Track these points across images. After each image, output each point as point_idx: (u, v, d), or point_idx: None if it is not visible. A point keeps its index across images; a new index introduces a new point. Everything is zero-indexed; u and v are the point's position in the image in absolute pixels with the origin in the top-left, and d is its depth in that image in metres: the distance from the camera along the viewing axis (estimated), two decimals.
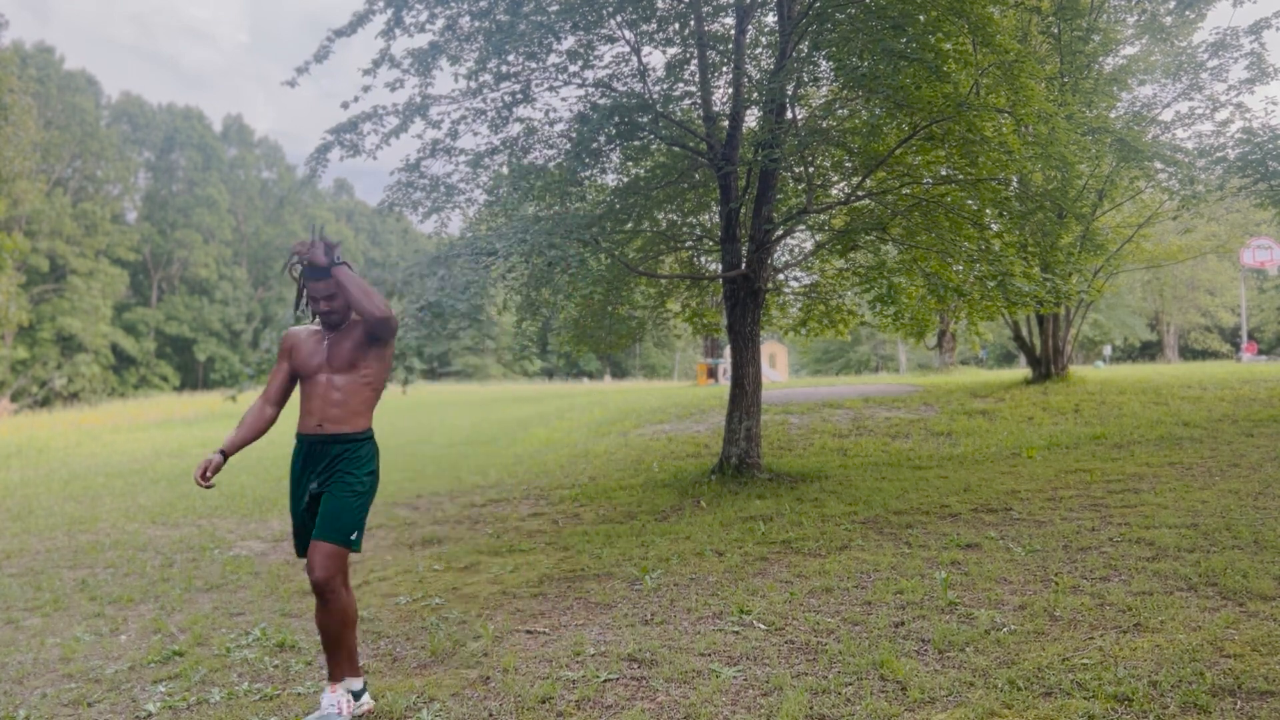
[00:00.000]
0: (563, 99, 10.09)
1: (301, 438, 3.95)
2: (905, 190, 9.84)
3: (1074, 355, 20.87)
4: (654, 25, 9.55)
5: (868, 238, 10.56)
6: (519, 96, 9.30)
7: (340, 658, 3.89)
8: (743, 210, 10.04)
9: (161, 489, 12.62)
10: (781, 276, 12.29)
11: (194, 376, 68.10)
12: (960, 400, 15.45)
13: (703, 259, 13.14)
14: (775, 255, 11.34)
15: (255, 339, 68.51)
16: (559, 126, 9.75)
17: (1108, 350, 38.90)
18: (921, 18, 8.21)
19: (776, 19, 9.84)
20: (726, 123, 9.79)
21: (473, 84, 9.18)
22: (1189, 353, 47.43)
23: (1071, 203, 10.65)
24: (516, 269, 7.79)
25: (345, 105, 9.20)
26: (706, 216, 12.20)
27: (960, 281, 10.00)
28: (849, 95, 9.44)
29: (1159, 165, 13.17)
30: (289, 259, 3.90)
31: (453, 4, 8.95)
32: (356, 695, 3.92)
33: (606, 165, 10.86)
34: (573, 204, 10.50)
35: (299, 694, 4.29)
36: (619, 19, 9.29)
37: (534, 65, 9.20)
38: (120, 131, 68.35)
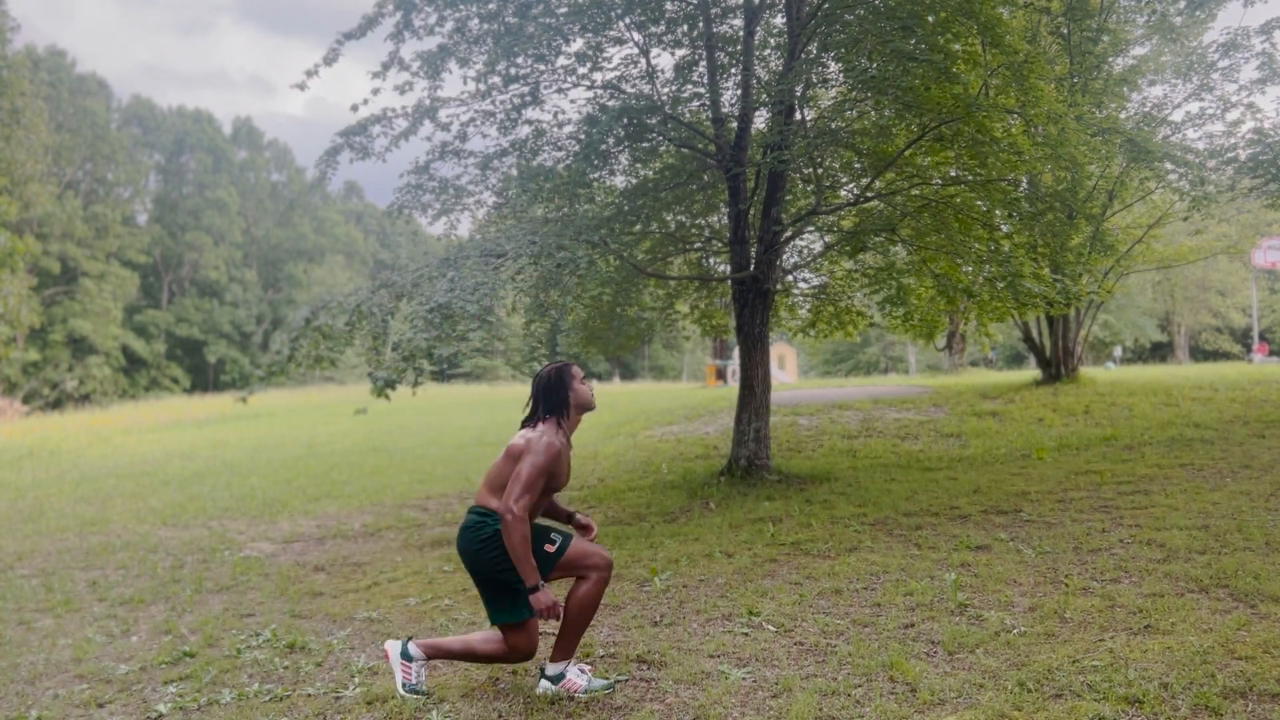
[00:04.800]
0: (571, 101, 10.12)
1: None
2: (914, 191, 9.81)
3: (1084, 356, 20.79)
4: (662, 27, 9.55)
5: (877, 239, 10.54)
6: (528, 99, 9.31)
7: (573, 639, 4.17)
8: (752, 211, 10.03)
9: (172, 490, 12.67)
10: (790, 278, 12.27)
11: (204, 378, 68.35)
12: (970, 401, 15.41)
13: (711, 260, 13.13)
14: (784, 256, 11.33)
15: (265, 341, 68.73)
16: (568, 128, 9.76)
17: (1118, 351, 38.74)
18: (930, 19, 8.19)
19: (785, 20, 9.82)
20: (735, 124, 9.78)
21: (481, 86, 9.20)
22: (1200, 354, 47.21)
23: (1081, 203, 10.61)
24: (525, 271, 7.79)
25: (355, 108, 9.25)
26: (715, 218, 12.18)
27: (970, 282, 9.97)
28: (858, 96, 9.43)
29: (1169, 166, 13.09)
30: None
31: (461, 7, 8.97)
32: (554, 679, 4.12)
33: (615, 167, 10.86)
34: (581, 206, 10.50)
35: (309, 695, 4.30)
36: (627, 21, 9.29)
37: (543, 67, 9.21)
38: (130, 134, 68.66)
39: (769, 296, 10.14)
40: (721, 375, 30.83)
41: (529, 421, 4.11)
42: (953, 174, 9.83)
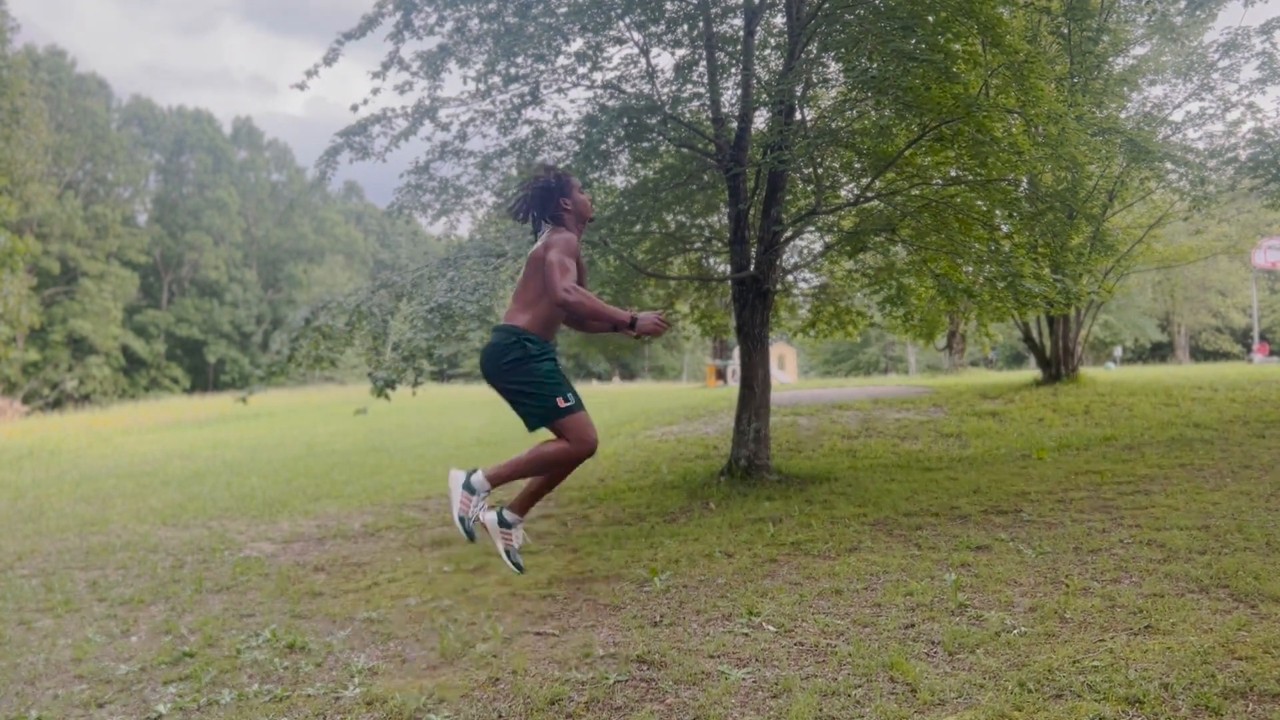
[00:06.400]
0: (571, 101, 10.16)
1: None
2: (915, 191, 9.81)
3: (1084, 356, 20.79)
4: (662, 27, 9.55)
5: (877, 239, 10.54)
6: (528, 98, 9.31)
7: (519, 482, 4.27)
8: (752, 211, 10.03)
9: (172, 490, 12.67)
10: (790, 278, 12.28)
11: (204, 379, 68.35)
12: (970, 401, 15.41)
13: (711, 260, 13.13)
14: (784, 256, 11.33)
15: (265, 341, 68.75)
16: (568, 128, 9.77)
17: (1118, 351, 38.73)
18: (931, 18, 8.19)
19: (785, 20, 9.83)
20: (735, 124, 9.78)
21: (481, 86, 9.20)
22: (1200, 354, 47.21)
23: (1082, 203, 10.59)
24: None
25: (355, 108, 9.25)
26: (715, 218, 12.18)
27: (970, 283, 9.97)
28: (858, 96, 9.43)
29: (1170, 166, 13.09)
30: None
31: (461, 6, 8.97)
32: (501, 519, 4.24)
33: (615, 167, 10.86)
34: None
35: (309, 695, 4.30)
36: (627, 20, 9.29)
37: (542, 67, 9.21)
38: (130, 134, 68.67)
39: (769, 296, 10.14)
40: (721, 375, 30.82)
41: (522, 218, 4.22)
42: (953, 174, 9.83)
